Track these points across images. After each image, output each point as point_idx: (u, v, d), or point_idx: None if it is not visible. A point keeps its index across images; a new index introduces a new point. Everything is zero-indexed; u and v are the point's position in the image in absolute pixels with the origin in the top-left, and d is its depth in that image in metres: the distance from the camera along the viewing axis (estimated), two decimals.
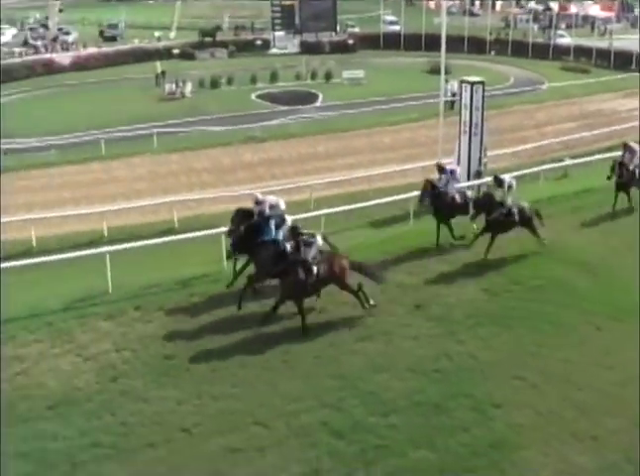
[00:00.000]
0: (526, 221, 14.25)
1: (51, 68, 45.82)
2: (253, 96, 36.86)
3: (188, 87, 37.42)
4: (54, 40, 54.69)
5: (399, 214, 16.95)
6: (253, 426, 9.37)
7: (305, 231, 12.01)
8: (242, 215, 12.67)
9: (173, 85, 37.23)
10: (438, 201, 14.90)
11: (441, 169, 15.67)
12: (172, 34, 57.35)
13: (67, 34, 57.88)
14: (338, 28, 55.23)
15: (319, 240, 11.74)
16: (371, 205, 16.79)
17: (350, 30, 57.10)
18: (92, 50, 51.45)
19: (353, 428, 9.03)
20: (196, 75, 39.65)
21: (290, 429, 9.17)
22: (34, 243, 16.86)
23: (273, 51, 51.86)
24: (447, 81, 23.47)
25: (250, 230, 12.31)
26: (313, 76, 41.41)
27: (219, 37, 53.71)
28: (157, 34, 55.10)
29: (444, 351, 10.61)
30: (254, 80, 39.55)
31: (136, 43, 52.95)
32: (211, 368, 10.87)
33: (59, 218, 17.50)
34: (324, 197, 18.20)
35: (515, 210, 14.12)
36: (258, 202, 12.69)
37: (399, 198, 16.62)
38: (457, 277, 13.12)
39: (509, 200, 14.15)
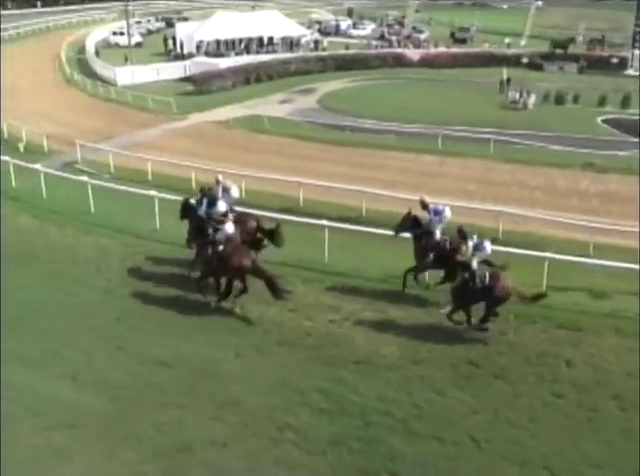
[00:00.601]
0: (495, 298, 11.69)
1: (400, 62, 48.67)
2: (598, 120, 34.21)
3: (532, 99, 36.34)
4: (408, 37, 58.03)
5: None
6: (543, 471, 8.96)
7: (218, 218, 13.17)
8: (204, 193, 14.11)
9: (517, 94, 36.46)
10: (419, 242, 13.26)
11: (424, 206, 13.50)
12: (523, 42, 56.38)
13: (420, 32, 61.13)
14: None
15: (228, 228, 12.85)
16: None
17: None
18: (441, 49, 53.32)
19: None
20: (542, 87, 38.28)
21: None
22: (363, 212, 18.11)
23: (629, 71, 47.28)
24: None
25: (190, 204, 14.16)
26: None
27: (571, 49, 51.06)
28: (507, 40, 54.92)
29: None
30: (602, 102, 36.67)
31: (485, 47, 53.37)
32: (514, 392, 10.61)
33: (389, 197, 18.36)
34: None
35: (486, 279, 11.74)
36: (217, 183, 14.65)
37: None
38: None
39: (475, 263, 11.87)
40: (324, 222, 15.12)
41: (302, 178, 19.85)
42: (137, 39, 55.82)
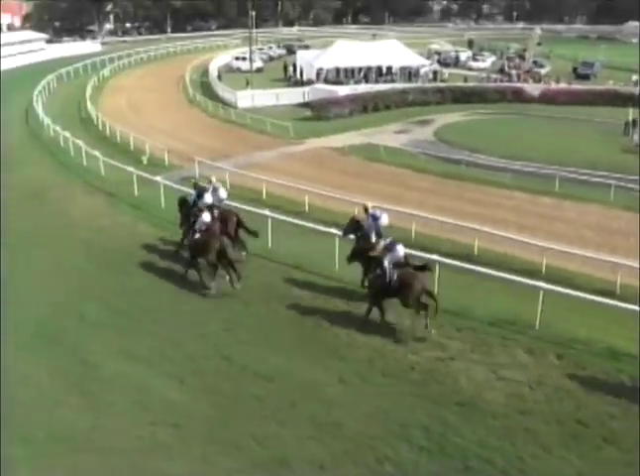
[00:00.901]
0: (402, 293, 12.88)
1: (520, 97, 47.28)
2: None
3: None
4: (528, 71, 56.71)
5: None
6: None
7: (202, 207, 16.22)
8: (196, 186, 17.52)
9: None
10: (359, 242, 14.51)
11: (365, 210, 15.04)
12: None
13: (541, 67, 59.61)
14: None
15: (205, 217, 15.68)
16: None
17: None
18: (563, 85, 51.65)
19: None
20: None
21: None
22: (475, 251, 17.56)
23: None
24: None
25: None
26: None
27: None
28: (634, 77, 52.16)
29: None
30: None
31: (610, 84, 51.09)
32: (626, 461, 9.89)
33: (501, 238, 17.88)
34: None
35: (393, 276, 12.96)
36: (209, 182, 17.83)
37: None
38: None
39: (386, 262, 13.04)
40: (435, 257, 14.93)
41: (413, 210, 19.70)
42: (258, 64, 58.12)
